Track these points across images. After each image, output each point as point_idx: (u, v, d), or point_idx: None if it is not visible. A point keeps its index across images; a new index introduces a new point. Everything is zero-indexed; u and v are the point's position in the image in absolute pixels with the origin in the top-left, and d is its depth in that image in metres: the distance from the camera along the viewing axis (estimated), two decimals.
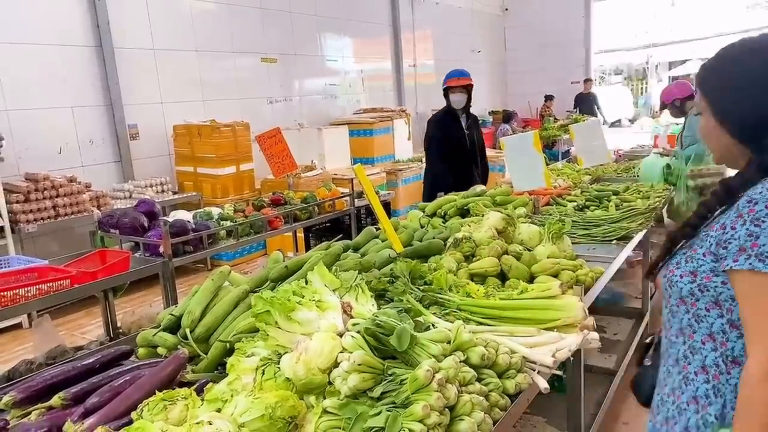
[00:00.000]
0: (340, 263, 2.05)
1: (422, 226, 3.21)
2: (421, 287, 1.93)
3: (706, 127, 1.23)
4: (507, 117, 11.13)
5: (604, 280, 2.14)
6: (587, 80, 12.52)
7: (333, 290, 1.64)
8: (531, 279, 2.11)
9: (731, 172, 1.25)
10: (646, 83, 23.70)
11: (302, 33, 7.72)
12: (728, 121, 1.18)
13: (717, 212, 1.20)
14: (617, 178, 4.72)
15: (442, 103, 11.31)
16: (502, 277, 2.15)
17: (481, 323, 1.72)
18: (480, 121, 11.03)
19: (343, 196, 4.33)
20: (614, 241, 2.85)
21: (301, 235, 4.84)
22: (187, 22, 6.14)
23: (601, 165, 4.83)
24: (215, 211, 3.46)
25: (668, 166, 4.20)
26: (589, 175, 4.80)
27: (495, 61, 13.28)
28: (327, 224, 4.66)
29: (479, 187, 3.55)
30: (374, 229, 3.06)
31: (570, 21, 12.58)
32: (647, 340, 1.58)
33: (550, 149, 11.17)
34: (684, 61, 22.09)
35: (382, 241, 2.70)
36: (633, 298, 3.57)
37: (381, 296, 1.95)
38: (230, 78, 6.65)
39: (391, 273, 2.02)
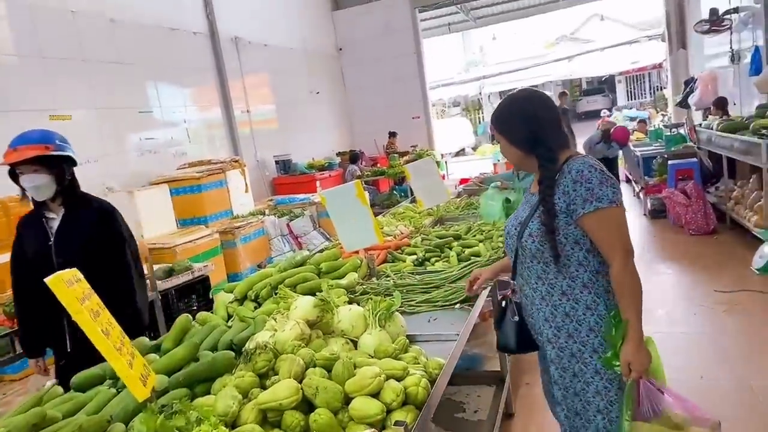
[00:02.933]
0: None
1: (230, 317, 2.52)
2: None
3: (504, 149, 1.91)
4: (353, 158, 10.83)
5: (442, 385, 1.59)
6: (563, 94, 12.10)
7: None
8: (348, 401, 1.51)
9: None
10: (482, 112, 25.25)
11: (104, 83, 6.69)
12: (516, 142, 1.85)
13: (544, 194, 1.78)
14: (460, 217, 4.40)
15: (286, 149, 10.57)
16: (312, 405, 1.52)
17: None
18: (326, 164, 10.59)
19: None
20: (457, 306, 2.38)
21: None
22: None
23: (441, 204, 4.50)
24: None
25: (507, 200, 3.94)
26: (431, 215, 4.44)
27: (336, 102, 13.04)
28: None
29: (299, 255, 2.92)
30: (190, 320, 2.30)
31: (402, 58, 12.76)
32: (502, 304, 2.01)
33: (401, 185, 11.05)
34: (511, 90, 23.88)
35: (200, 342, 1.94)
36: (490, 359, 3.14)
37: None
38: (5, 143, 5.43)
39: None
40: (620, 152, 8.26)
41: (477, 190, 5.28)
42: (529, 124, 1.81)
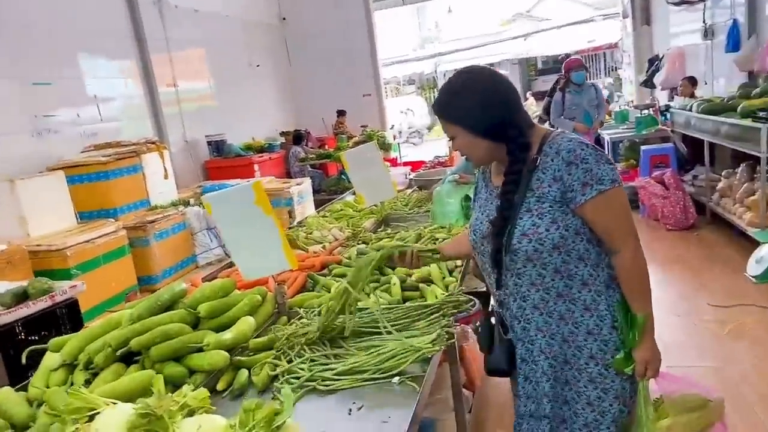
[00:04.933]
0: None
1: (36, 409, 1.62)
2: None
3: (466, 143, 1.58)
4: (297, 138, 9.85)
5: None
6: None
7: None
8: None
9: None
10: (437, 91, 24.49)
11: None
12: (483, 131, 1.54)
13: (520, 185, 1.53)
14: (409, 216, 3.59)
15: (222, 128, 9.40)
16: None
17: None
18: (266, 145, 9.64)
19: None
20: (397, 380, 1.56)
21: None
22: None
23: (387, 201, 3.66)
24: None
25: (467, 198, 3.15)
26: (374, 215, 3.60)
27: (280, 77, 11.92)
28: None
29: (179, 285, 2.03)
30: None
31: (351, 30, 11.75)
32: (491, 320, 1.74)
33: None
34: None
35: None
36: (444, 424, 2.29)
37: None
38: None
39: None
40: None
41: (431, 179, 4.48)
42: (493, 106, 1.53)
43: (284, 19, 12.01)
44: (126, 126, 7.43)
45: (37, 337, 2.84)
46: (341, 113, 11.52)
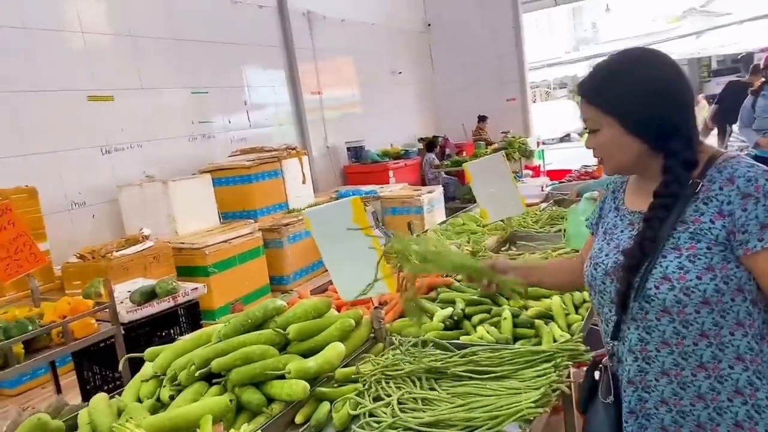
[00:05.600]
0: None
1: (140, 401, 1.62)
2: None
3: (610, 139, 1.24)
4: (430, 145, 9.69)
5: None
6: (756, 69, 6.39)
7: None
8: None
9: None
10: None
11: (153, 62, 6.12)
12: (639, 129, 1.21)
13: (673, 214, 1.19)
14: (539, 235, 3.23)
15: (363, 134, 9.56)
16: None
17: None
18: (402, 152, 9.60)
19: (101, 309, 2.65)
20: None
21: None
22: None
23: (513, 217, 3.34)
24: None
25: None
26: (499, 231, 3.30)
27: (422, 82, 11.92)
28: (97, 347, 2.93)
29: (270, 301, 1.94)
30: (43, 425, 1.48)
31: (498, 33, 11.37)
32: (594, 375, 1.39)
33: None
34: None
35: None
36: None
37: None
38: (40, 125, 4.98)
39: None
40: None
41: (568, 192, 4.05)
42: (662, 100, 1.20)
43: (429, 25, 11.98)
44: (272, 132, 7.88)
45: (162, 334, 2.98)
46: (482, 119, 11.19)
